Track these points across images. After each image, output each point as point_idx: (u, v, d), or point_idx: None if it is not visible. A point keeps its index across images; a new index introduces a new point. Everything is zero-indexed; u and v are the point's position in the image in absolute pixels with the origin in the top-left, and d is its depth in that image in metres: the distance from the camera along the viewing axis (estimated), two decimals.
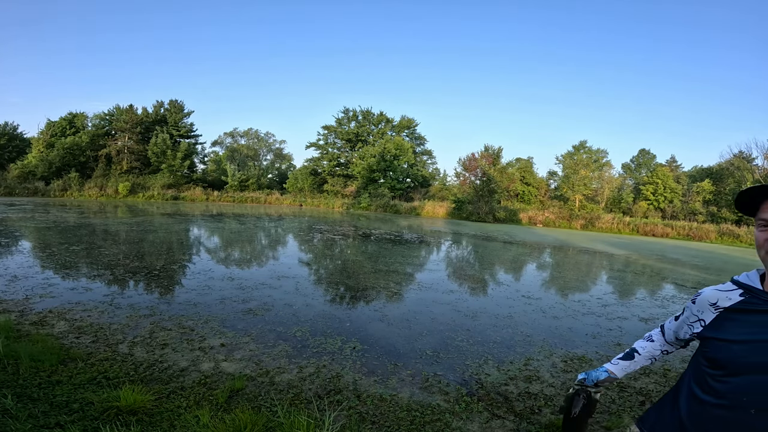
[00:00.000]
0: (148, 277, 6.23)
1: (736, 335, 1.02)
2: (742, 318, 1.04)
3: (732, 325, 1.04)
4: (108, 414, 2.39)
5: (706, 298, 1.14)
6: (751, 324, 1.01)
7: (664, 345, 1.31)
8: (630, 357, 1.32)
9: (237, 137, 46.21)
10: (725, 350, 1.03)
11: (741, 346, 1.00)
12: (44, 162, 31.57)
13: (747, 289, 1.06)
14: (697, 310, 1.16)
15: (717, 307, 1.10)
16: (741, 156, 35.97)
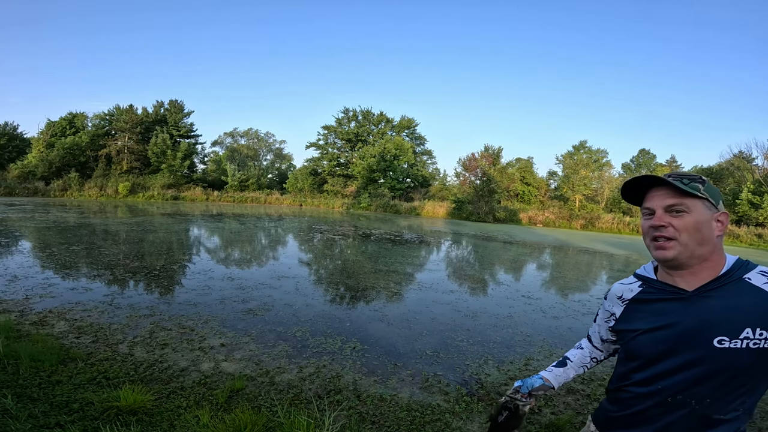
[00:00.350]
0: (148, 277, 6.23)
1: (640, 325, 1.05)
2: (643, 308, 1.07)
3: (636, 316, 1.08)
4: (108, 414, 2.39)
5: (614, 293, 1.17)
6: (649, 313, 1.04)
7: (593, 351, 1.30)
8: (563, 364, 1.29)
9: (237, 137, 46.26)
10: (635, 342, 1.06)
11: (645, 336, 1.03)
12: (44, 162, 31.56)
13: (644, 280, 1.10)
14: (609, 306, 1.19)
15: (623, 299, 1.13)
16: (741, 156, 35.96)
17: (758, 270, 0.97)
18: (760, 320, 0.90)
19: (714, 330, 0.92)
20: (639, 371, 1.05)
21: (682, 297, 0.99)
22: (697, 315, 0.95)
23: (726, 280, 0.96)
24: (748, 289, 0.94)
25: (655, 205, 1.00)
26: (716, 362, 0.93)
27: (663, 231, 0.97)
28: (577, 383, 3.39)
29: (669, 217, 0.97)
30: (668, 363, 0.99)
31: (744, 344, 0.90)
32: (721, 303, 0.94)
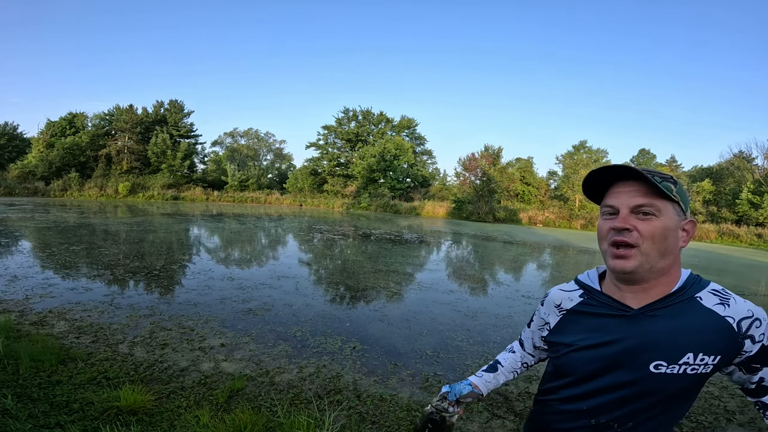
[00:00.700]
0: (148, 277, 6.23)
1: (575, 340, 0.94)
2: (581, 321, 0.96)
3: (572, 329, 0.97)
4: (108, 414, 2.39)
5: (552, 300, 1.05)
6: (587, 328, 0.93)
7: (524, 356, 1.19)
8: (494, 369, 1.17)
9: (237, 137, 46.26)
10: (567, 358, 0.95)
11: (579, 354, 0.93)
12: (44, 162, 31.56)
13: (586, 289, 0.98)
14: (544, 313, 1.07)
15: (561, 308, 1.02)
16: (741, 156, 35.97)
17: (710, 288, 0.88)
18: (704, 344, 0.82)
19: (654, 353, 0.84)
20: (567, 388, 0.96)
21: (626, 314, 0.88)
22: (639, 336, 0.85)
23: (677, 298, 0.86)
24: (697, 310, 0.85)
25: (620, 203, 0.85)
26: (647, 386, 0.85)
27: (626, 236, 0.83)
28: None
29: (635, 219, 0.83)
30: (597, 383, 0.90)
31: (681, 370, 0.83)
32: (667, 324, 0.84)
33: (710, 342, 0.82)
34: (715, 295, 0.87)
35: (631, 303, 0.88)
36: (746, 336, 0.83)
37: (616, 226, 0.83)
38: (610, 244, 0.85)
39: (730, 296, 0.87)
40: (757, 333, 0.84)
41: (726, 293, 0.88)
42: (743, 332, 0.83)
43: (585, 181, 0.91)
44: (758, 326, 0.83)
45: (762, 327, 0.84)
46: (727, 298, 0.86)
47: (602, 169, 0.87)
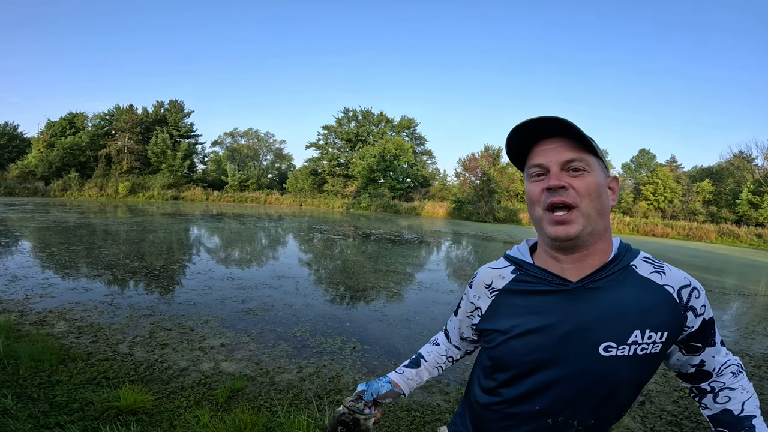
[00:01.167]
0: (148, 277, 6.23)
1: (512, 326, 0.81)
2: (516, 302, 0.83)
3: (507, 313, 0.83)
4: (108, 414, 2.39)
5: (481, 280, 0.90)
6: (523, 310, 0.81)
7: (450, 349, 1.05)
8: (416, 364, 1.04)
9: (237, 137, 46.25)
10: (504, 347, 0.82)
11: (517, 341, 0.79)
12: (44, 162, 31.57)
13: (518, 264, 0.85)
14: (474, 296, 0.92)
15: (492, 289, 0.87)
16: (741, 156, 35.99)
17: (642, 256, 0.80)
18: (649, 320, 0.74)
19: (601, 333, 0.74)
20: (510, 385, 0.82)
21: (565, 289, 0.77)
22: (581, 314, 0.75)
23: (614, 267, 0.77)
24: (635, 280, 0.76)
25: (549, 160, 0.74)
26: (600, 373, 0.74)
27: (563, 195, 0.72)
28: None
29: (567, 176, 0.73)
30: (546, 375, 0.77)
31: (632, 350, 0.73)
32: (609, 298, 0.75)
33: (654, 316, 0.74)
34: (649, 263, 0.79)
35: (570, 275, 0.77)
36: (688, 308, 0.76)
37: (551, 185, 0.73)
38: (546, 209, 0.75)
39: (664, 264, 0.80)
40: (698, 305, 0.77)
41: (658, 261, 0.81)
42: (684, 303, 0.76)
43: (508, 142, 0.79)
44: (697, 296, 0.77)
45: (702, 298, 0.77)
46: (661, 265, 0.79)
47: (525, 124, 0.75)
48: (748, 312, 6.68)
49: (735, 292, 8.17)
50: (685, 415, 2.95)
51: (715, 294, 7.82)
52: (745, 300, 7.54)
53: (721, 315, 6.27)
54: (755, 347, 4.70)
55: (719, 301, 7.22)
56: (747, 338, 5.06)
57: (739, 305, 7.12)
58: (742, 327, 5.60)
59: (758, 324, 5.81)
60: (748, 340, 4.97)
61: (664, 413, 2.96)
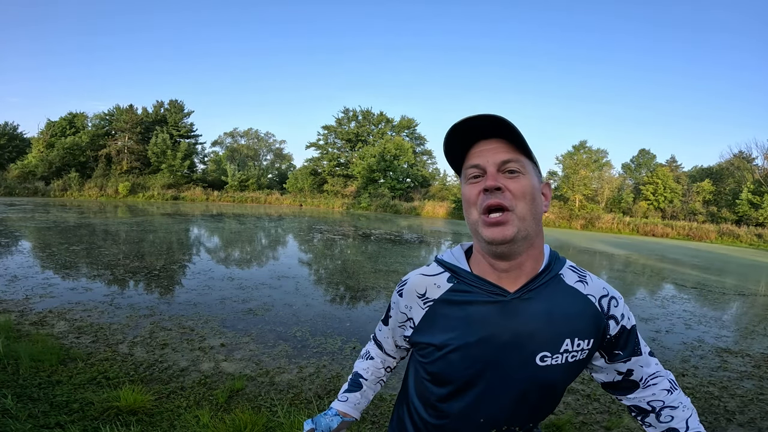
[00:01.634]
0: (148, 277, 6.23)
1: (449, 339, 0.78)
2: (452, 313, 0.79)
3: (442, 325, 0.79)
4: (108, 414, 2.39)
5: (413, 288, 0.85)
6: (460, 322, 0.77)
7: (386, 360, 1.01)
8: (357, 386, 1.00)
9: (237, 137, 46.28)
10: (442, 362, 0.79)
11: (456, 355, 0.77)
12: (44, 162, 31.57)
13: (454, 271, 0.81)
14: (405, 306, 0.87)
15: (426, 299, 0.83)
16: (741, 156, 36.00)
17: (568, 265, 0.81)
18: (576, 328, 0.75)
19: (537, 344, 0.74)
20: (450, 400, 0.80)
21: (502, 300, 0.75)
22: (518, 325, 0.74)
23: (545, 276, 0.77)
24: (563, 289, 0.77)
25: (486, 161, 0.72)
26: (538, 381, 0.76)
27: (500, 197, 0.71)
28: (577, 383, 3.38)
29: (503, 178, 0.72)
30: (487, 386, 0.77)
31: (564, 359, 0.75)
32: (542, 308, 0.75)
33: (581, 325, 0.76)
34: (574, 272, 0.80)
35: (507, 284, 0.76)
36: (609, 316, 0.78)
37: (488, 186, 0.71)
38: (483, 212, 0.72)
39: (587, 273, 0.82)
40: (618, 313, 0.79)
41: (582, 270, 0.82)
42: (605, 311, 0.78)
43: (446, 141, 0.76)
44: (616, 305, 0.79)
45: (620, 306, 0.80)
46: (584, 275, 0.81)
47: (463, 123, 0.73)
48: (748, 312, 6.68)
49: (735, 292, 8.17)
50: None
51: (715, 294, 7.82)
52: (745, 300, 7.54)
53: (721, 315, 6.27)
54: (755, 347, 4.70)
55: (719, 301, 7.22)
56: (747, 338, 5.06)
57: (739, 305, 7.12)
58: (742, 327, 5.60)
59: (758, 324, 5.81)
60: (748, 340, 4.97)
61: None
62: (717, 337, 4.96)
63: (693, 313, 6.12)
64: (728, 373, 3.84)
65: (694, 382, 3.58)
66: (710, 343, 4.70)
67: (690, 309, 6.40)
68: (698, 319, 5.76)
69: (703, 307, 6.64)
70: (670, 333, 5.01)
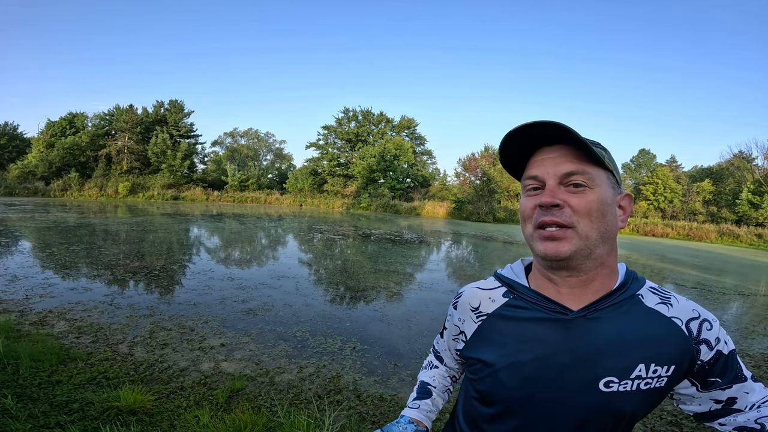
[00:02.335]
0: (148, 277, 6.23)
1: (501, 357, 0.73)
2: (507, 329, 0.74)
3: (495, 341, 0.75)
4: (108, 414, 2.39)
5: (467, 301, 0.82)
6: (515, 338, 0.73)
7: (449, 370, 0.95)
8: (427, 393, 0.92)
9: (237, 137, 46.27)
10: (491, 380, 0.74)
11: (507, 374, 0.71)
12: (44, 162, 31.58)
13: (511, 286, 0.77)
14: (458, 320, 0.83)
15: (479, 313, 0.79)
16: (741, 156, 36.00)
17: (648, 286, 0.74)
18: (655, 353, 0.68)
19: (603, 368, 0.67)
20: (496, 421, 0.75)
21: (563, 318, 0.70)
22: (582, 346, 0.68)
23: (619, 296, 0.70)
24: (641, 311, 0.70)
25: (545, 172, 0.66)
26: (598, 409, 0.68)
27: (556, 214, 0.65)
28: None
29: (565, 192, 0.65)
30: (538, 411, 0.70)
31: (635, 385, 0.67)
32: (613, 329, 0.68)
33: (661, 349, 0.68)
34: (655, 294, 0.73)
35: (569, 302, 0.70)
36: (700, 341, 0.70)
37: (543, 202, 0.65)
38: (537, 227, 0.67)
39: (671, 294, 0.74)
40: (711, 337, 0.70)
41: (665, 291, 0.75)
42: (695, 336, 0.70)
43: (501, 149, 0.69)
44: (709, 329, 0.70)
45: (714, 330, 0.71)
46: (668, 296, 0.73)
47: (519, 129, 0.66)
48: (748, 312, 6.68)
49: (735, 292, 8.17)
50: (685, 415, 2.95)
51: (715, 294, 7.82)
52: (745, 300, 7.54)
53: (721, 315, 6.27)
54: (755, 347, 4.70)
55: (719, 301, 7.22)
56: (747, 338, 5.06)
57: (739, 305, 7.12)
58: (742, 327, 5.60)
59: (758, 324, 5.81)
60: (748, 340, 4.97)
61: (664, 413, 2.96)
62: None
63: None
64: None
65: None
66: None
67: None
68: None
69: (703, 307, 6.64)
70: None
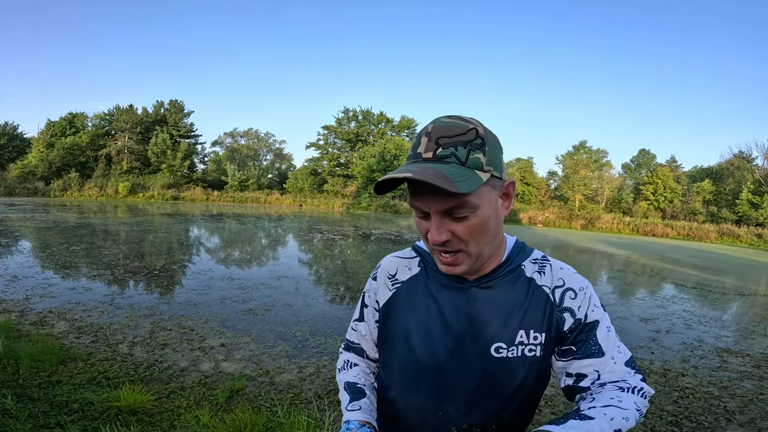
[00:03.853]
0: (148, 277, 6.23)
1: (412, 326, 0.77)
2: (416, 299, 0.78)
3: (406, 310, 0.78)
4: (108, 414, 2.39)
5: (386, 269, 0.83)
6: (423, 308, 0.76)
7: (370, 364, 0.90)
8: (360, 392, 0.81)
9: (237, 137, 46.24)
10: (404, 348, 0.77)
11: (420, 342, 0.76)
12: (44, 162, 31.60)
13: (422, 256, 0.81)
14: (376, 289, 0.84)
15: (395, 280, 0.81)
16: (741, 156, 36.00)
17: (532, 257, 0.78)
18: (529, 321, 0.72)
19: (493, 334, 0.72)
20: (409, 391, 0.77)
21: (460, 287, 0.75)
22: (475, 313, 0.73)
23: (506, 268, 0.75)
24: (522, 280, 0.75)
25: (428, 207, 0.66)
26: (494, 374, 0.72)
27: (447, 246, 0.68)
28: None
29: (450, 221, 0.66)
30: (447, 379, 0.74)
31: (519, 351, 0.72)
32: (500, 298, 0.73)
33: (536, 316, 0.73)
34: (535, 263, 0.77)
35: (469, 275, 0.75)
36: (564, 309, 0.74)
37: (433, 241, 0.67)
38: (433, 249, 0.71)
39: (548, 262, 0.78)
40: (575, 305, 0.74)
41: (545, 259, 0.78)
42: (557, 304, 0.74)
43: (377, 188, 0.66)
44: (573, 297, 0.74)
45: (579, 299, 0.74)
46: (545, 264, 0.77)
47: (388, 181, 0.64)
48: (748, 312, 6.68)
49: (735, 292, 8.17)
50: (685, 415, 2.95)
51: (715, 294, 7.82)
52: (745, 300, 7.54)
53: (721, 315, 6.27)
54: (755, 347, 4.70)
55: (719, 301, 7.22)
56: (747, 338, 5.06)
57: (739, 305, 7.12)
58: (742, 327, 5.60)
59: (758, 324, 5.81)
60: (748, 340, 4.97)
61: (664, 413, 2.96)
62: (717, 337, 4.96)
63: (693, 313, 6.12)
64: (728, 373, 3.84)
65: (694, 382, 3.58)
66: (710, 343, 4.70)
67: (690, 309, 6.40)
68: (698, 319, 5.76)
69: (703, 307, 6.64)
70: (670, 333, 5.01)
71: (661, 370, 3.81)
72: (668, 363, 4.00)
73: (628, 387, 0.70)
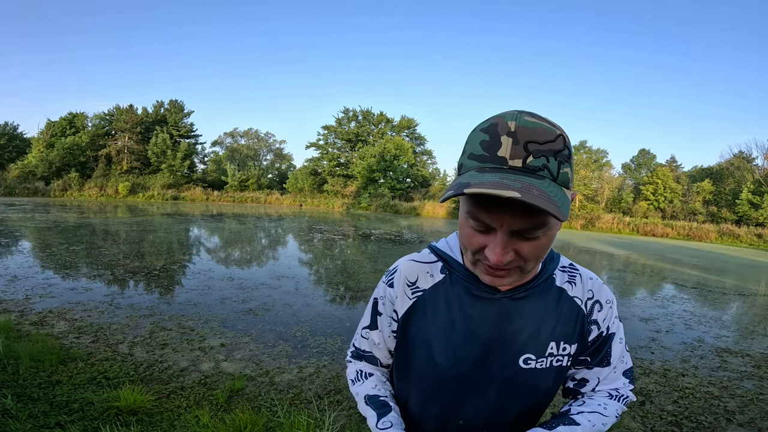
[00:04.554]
0: (148, 277, 6.23)
1: (435, 334, 0.73)
2: (442, 306, 0.73)
3: (429, 318, 0.73)
4: (108, 414, 2.39)
5: (404, 275, 0.76)
6: (446, 317, 0.72)
7: (386, 373, 0.88)
8: (385, 406, 0.77)
9: (237, 137, 46.27)
10: (425, 359, 0.74)
11: (442, 353, 0.72)
12: (44, 162, 31.60)
13: (447, 262, 0.74)
14: (394, 296, 0.77)
15: (416, 288, 0.75)
16: (741, 156, 36.00)
17: (561, 264, 0.75)
18: (563, 331, 0.71)
19: (522, 345, 0.70)
20: (426, 399, 0.76)
21: (491, 297, 0.70)
22: (505, 325, 0.70)
23: (539, 278, 0.71)
24: (553, 291, 0.72)
25: (499, 224, 0.57)
26: (520, 385, 0.71)
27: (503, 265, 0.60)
28: None
29: (517, 241, 0.58)
30: (468, 387, 0.72)
31: (548, 362, 0.71)
32: (531, 309, 0.71)
33: (567, 328, 0.72)
34: (564, 272, 0.74)
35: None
36: (592, 321, 0.73)
37: (493, 263, 0.59)
38: (483, 261, 0.62)
39: (578, 272, 0.75)
40: (600, 318, 0.73)
41: (574, 268, 0.75)
42: (587, 316, 0.73)
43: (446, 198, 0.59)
44: (599, 310, 0.74)
45: (604, 311, 0.74)
46: (574, 275, 0.74)
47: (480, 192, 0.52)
48: (748, 312, 6.68)
49: (735, 292, 8.17)
50: (685, 415, 2.95)
51: (715, 294, 7.82)
52: (745, 300, 7.54)
53: (721, 315, 6.27)
54: (755, 347, 4.70)
55: (719, 301, 7.22)
56: (747, 338, 5.06)
57: (739, 305, 7.12)
58: (742, 327, 5.60)
59: (758, 324, 5.81)
60: (748, 340, 4.97)
61: (664, 413, 2.96)
62: (717, 337, 4.96)
63: (693, 313, 6.11)
64: (728, 373, 3.84)
65: (694, 382, 3.58)
66: (710, 343, 4.70)
67: (690, 309, 6.40)
68: (698, 319, 5.76)
69: (703, 307, 6.64)
70: (670, 333, 5.01)
71: (661, 370, 3.81)
72: (668, 363, 4.00)
73: (617, 396, 0.76)
